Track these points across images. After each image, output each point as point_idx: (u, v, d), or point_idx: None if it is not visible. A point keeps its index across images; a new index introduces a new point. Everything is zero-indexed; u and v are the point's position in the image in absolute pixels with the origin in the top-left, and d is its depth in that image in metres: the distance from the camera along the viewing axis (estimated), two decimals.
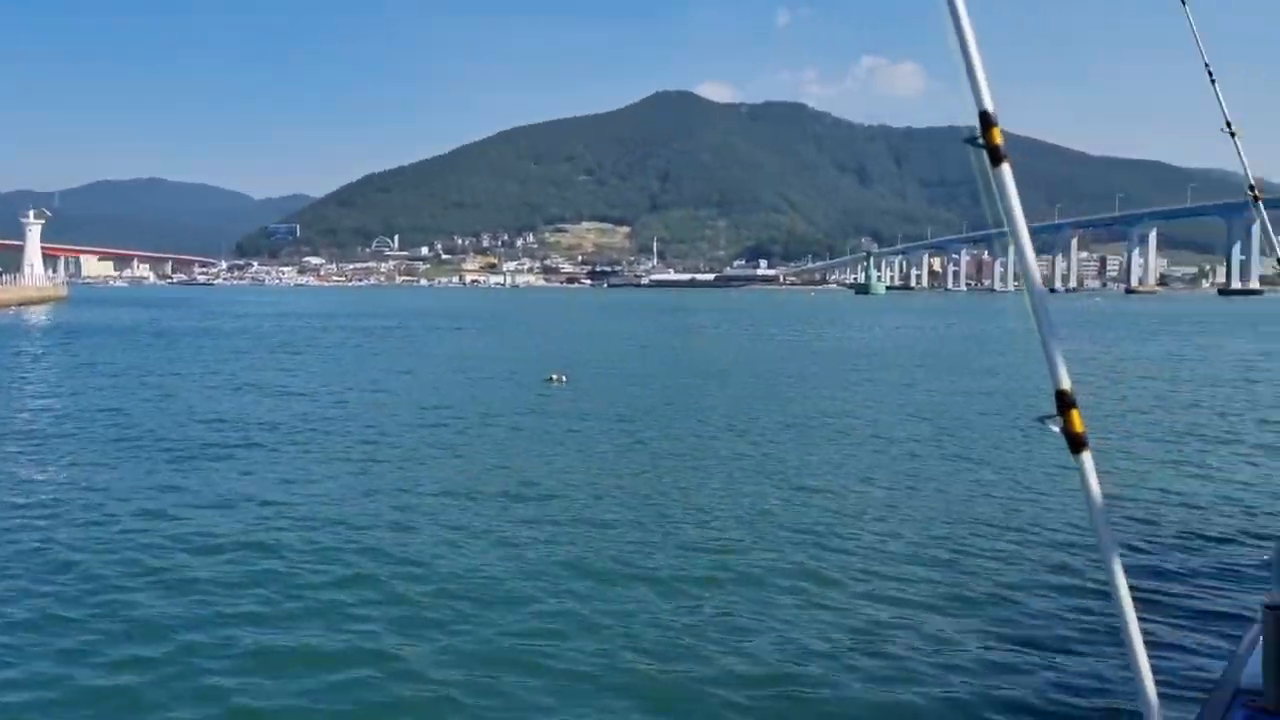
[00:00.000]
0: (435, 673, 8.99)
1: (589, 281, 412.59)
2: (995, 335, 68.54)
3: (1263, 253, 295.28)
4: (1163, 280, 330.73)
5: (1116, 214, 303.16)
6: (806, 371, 41.23)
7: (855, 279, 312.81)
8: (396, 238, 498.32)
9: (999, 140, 2.41)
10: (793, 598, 11.17)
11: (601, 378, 37.10)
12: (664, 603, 10.98)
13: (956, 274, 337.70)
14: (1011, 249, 2.87)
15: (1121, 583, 2.34)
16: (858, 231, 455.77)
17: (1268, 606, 3.05)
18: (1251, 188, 5.48)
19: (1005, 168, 2.42)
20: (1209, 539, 13.84)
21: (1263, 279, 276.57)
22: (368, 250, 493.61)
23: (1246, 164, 5.29)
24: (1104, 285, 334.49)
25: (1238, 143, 5.32)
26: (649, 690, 8.67)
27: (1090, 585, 11.34)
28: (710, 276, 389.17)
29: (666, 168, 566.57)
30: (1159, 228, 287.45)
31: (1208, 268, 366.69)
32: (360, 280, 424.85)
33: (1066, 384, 2.30)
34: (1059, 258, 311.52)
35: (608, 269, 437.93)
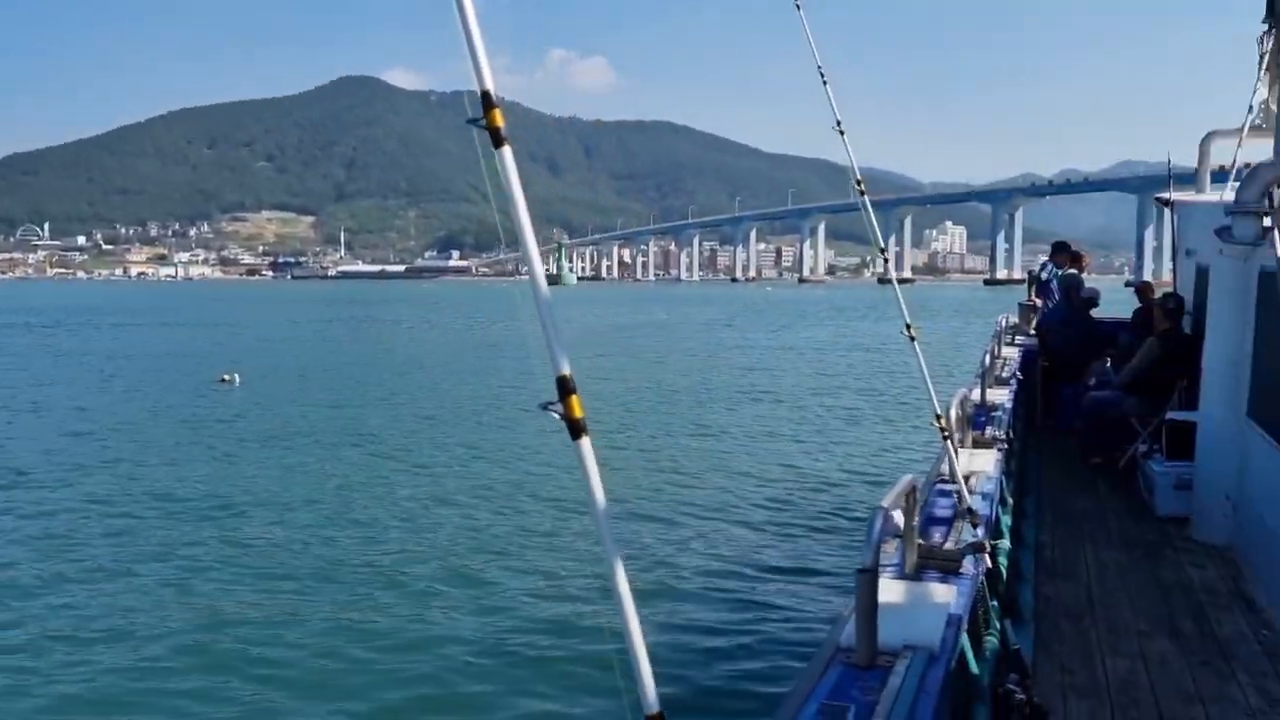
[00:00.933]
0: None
1: (271, 274, 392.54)
2: (676, 324, 70.59)
3: (914, 245, 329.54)
4: (831, 270, 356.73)
5: (790, 207, 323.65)
6: (472, 365, 40.14)
7: (547, 270, 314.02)
8: (46, 226, 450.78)
9: (500, 122, 2.29)
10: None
11: (277, 376, 35.62)
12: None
13: (645, 264, 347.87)
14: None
15: (621, 575, 2.39)
16: (549, 222, 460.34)
17: (859, 570, 3.21)
18: (859, 182, 5.55)
19: (507, 150, 2.30)
20: (830, 511, 15.17)
21: (914, 269, 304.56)
22: (12, 240, 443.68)
23: (854, 160, 5.47)
24: (780, 275, 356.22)
25: (845, 140, 5.42)
26: None
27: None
28: (401, 268, 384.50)
29: (352, 155, 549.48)
30: (827, 221, 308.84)
31: (868, 257, 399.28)
32: (1, 273, 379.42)
33: (567, 370, 2.34)
34: (739, 249, 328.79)
35: (291, 260, 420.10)
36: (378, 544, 13.52)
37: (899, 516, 4.05)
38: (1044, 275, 14.19)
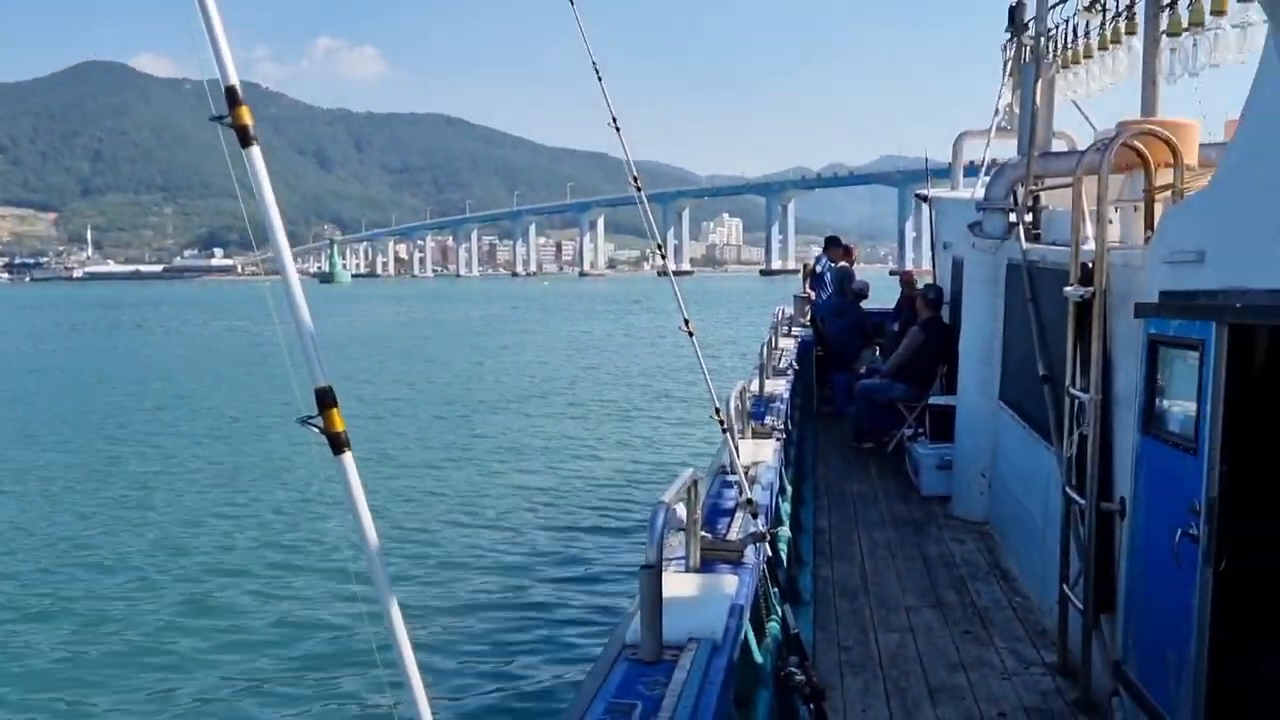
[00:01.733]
0: None
1: (7, 276, 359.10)
2: (456, 321, 69.59)
3: (692, 237, 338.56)
4: (611, 263, 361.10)
5: (569, 201, 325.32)
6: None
7: (320, 267, 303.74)
8: None
9: (248, 120, 2.15)
10: None
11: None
12: None
13: (423, 260, 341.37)
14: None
15: (390, 596, 2.27)
16: (320, 218, 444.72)
17: (643, 567, 3.25)
18: (635, 178, 5.54)
19: (256, 151, 2.16)
20: (617, 509, 15.31)
21: (693, 260, 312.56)
22: None
23: (630, 155, 5.52)
24: (561, 269, 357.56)
25: (621, 136, 5.53)
26: None
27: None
28: (158, 268, 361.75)
29: (98, 147, 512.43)
30: (606, 214, 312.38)
31: (647, 251, 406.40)
32: None
33: (325, 381, 2.21)
34: (519, 244, 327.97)
35: (30, 261, 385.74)
36: (120, 575, 12.47)
37: (681, 511, 4.11)
38: (818, 268, 14.84)
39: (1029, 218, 8.19)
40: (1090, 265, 5.47)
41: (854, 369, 13.14)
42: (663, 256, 5.99)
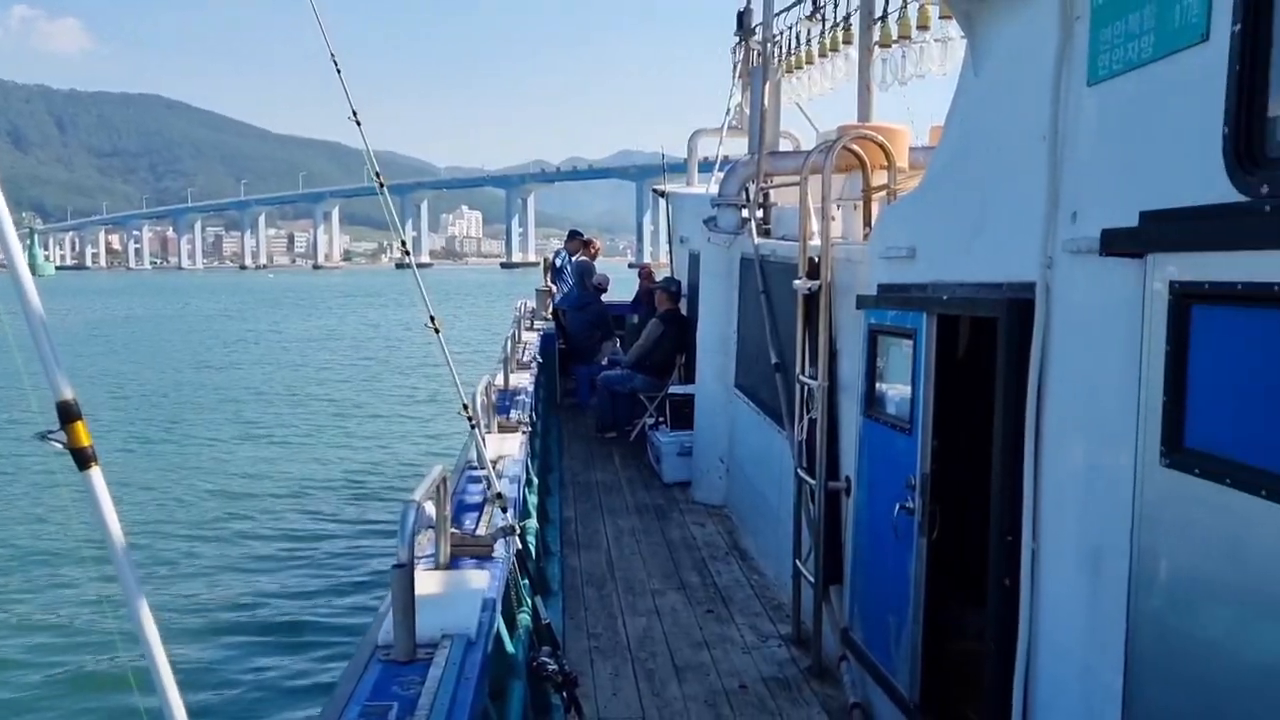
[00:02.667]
0: None
1: None
2: (177, 317, 65.16)
3: (431, 229, 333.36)
4: (348, 255, 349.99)
5: (302, 191, 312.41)
6: None
7: None
8: None
9: None
10: None
11: None
12: None
13: (139, 252, 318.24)
14: None
15: (146, 614, 2.24)
16: (18, 205, 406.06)
17: (395, 566, 3.25)
18: (378, 174, 5.42)
19: None
20: (368, 509, 15.07)
21: (432, 253, 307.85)
22: None
23: (370, 146, 5.37)
24: (294, 261, 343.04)
25: (362, 131, 5.38)
26: None
27: None
28: None
29: None
30: (341, 205, 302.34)
31: (385, 243, 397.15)
32: None
33: (70, 394, 2.14)
34: (248, 235, 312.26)
35: None
36: None
37: (431, 508, 4.09)
38: (558, 262, 14.98)
39: (760, 214, 8.62)
40: (817, 260, 5.83)
41: (596, 361, 13.39)
42: (406, 252, 5.81)
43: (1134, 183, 2.83)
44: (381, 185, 5.44)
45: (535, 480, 8.06)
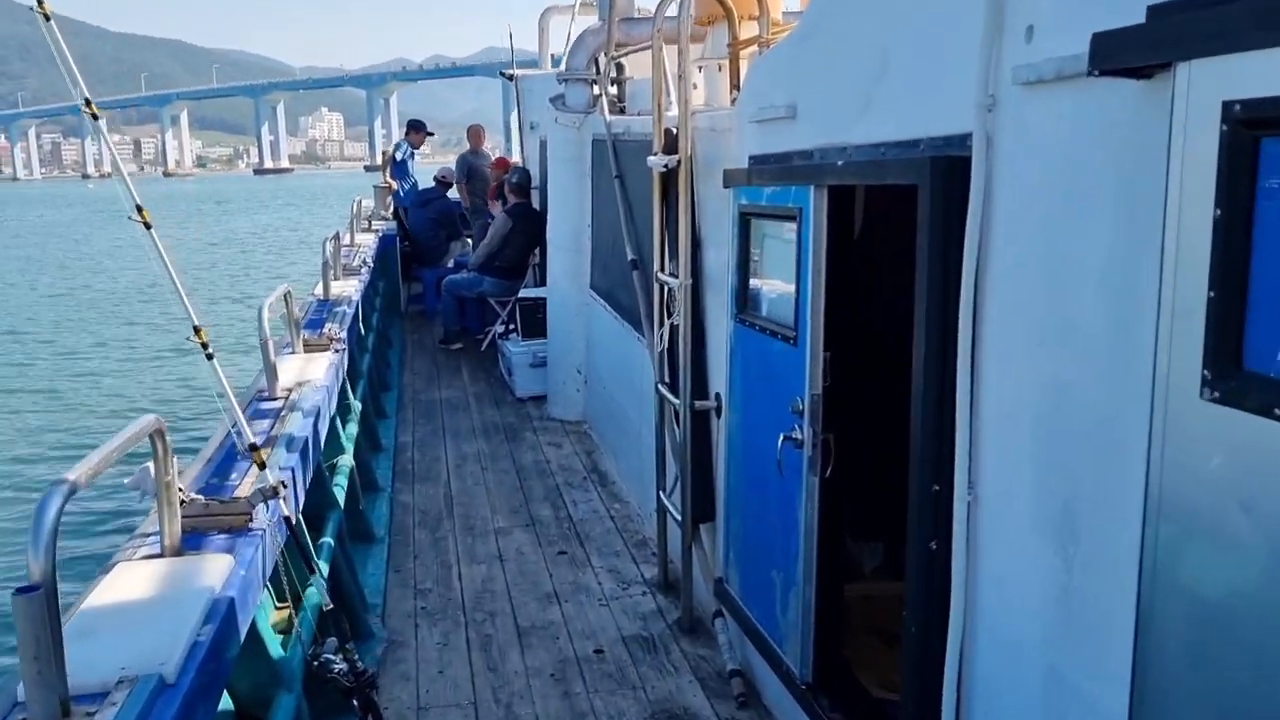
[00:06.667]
0: None
1: None
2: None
3: (290, 133, 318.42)
4: (201, 162, 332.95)
5: (145, 94, 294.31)
6: None
7: None
8: None
9: None
10: None
11: None
12: None
13: None
14: None
15: None
16: None
17: (17, 591, 2.20)
18: (88, 101, 3.72)
19: None
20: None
21: (292, 157, 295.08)
22: None
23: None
24: (142, 169, 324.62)
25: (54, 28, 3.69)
26: None
27: None
28: None
29: None
30: (190, 108, 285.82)
31: (241, 148, 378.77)
32: None
33: None
34: (88, 141, 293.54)
35: None
36: None
37: (151, 473, 2.94)
38: (399, 155, 13.47)
39: (613, 90, 7.51)
40: (675, 132, 4.73)
41: (443, 264, 12.08)
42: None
43: None
44: (95, 117, 3.80)
45: (357, 405, 6.89)
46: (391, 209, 13.21)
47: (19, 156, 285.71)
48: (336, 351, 5.99)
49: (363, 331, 8.36)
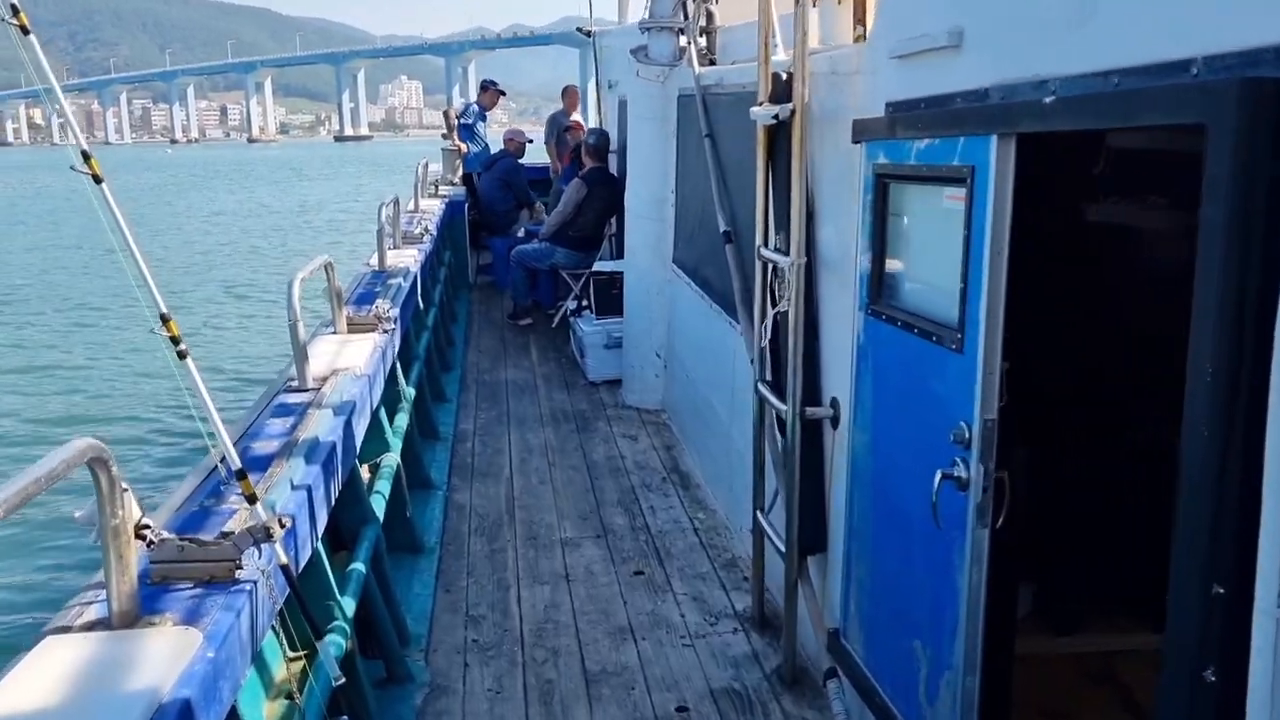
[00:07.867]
0: None
1: None
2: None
3: (370, 100, 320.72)
4: (284, 129, 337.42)
5: (231, 61, 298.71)
6: None
7: None
8: None
9: None
10: None
11: None
12: None
13: (63, 125, 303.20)
14: None
15: None
16: None
17: None
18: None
19: None
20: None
21: (371, 125, 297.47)
22: None
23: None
24: (227, 135, 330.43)
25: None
26: None
27: None
28: None
29: None
30: (274, 76, 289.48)
31: (323, 115, 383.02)
32: None
33: None
34: (177, 107, 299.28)
35: None
36: None
37: (89, 509, 2.17)
38: (467, 119, 12.66)
39: (703, 41, 6.61)
40: (787, 76, 3.83)
41: (513, 232, 11.29)
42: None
43: None
44: (60, 111, 2.98)
45: (410, 392, 6.14)
46: (460, 173, 12.43)
47: (110, 121, 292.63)
48: (385, 332, 5.23)
49: (421, 306, 7.61)
